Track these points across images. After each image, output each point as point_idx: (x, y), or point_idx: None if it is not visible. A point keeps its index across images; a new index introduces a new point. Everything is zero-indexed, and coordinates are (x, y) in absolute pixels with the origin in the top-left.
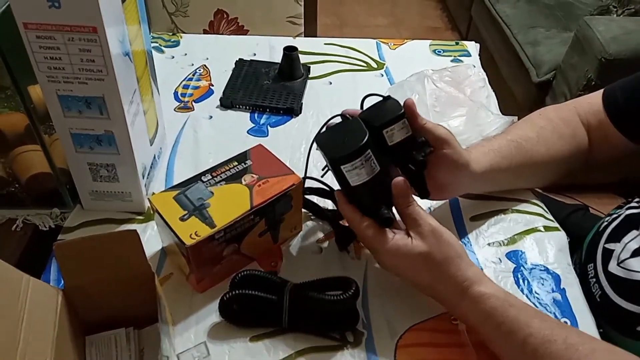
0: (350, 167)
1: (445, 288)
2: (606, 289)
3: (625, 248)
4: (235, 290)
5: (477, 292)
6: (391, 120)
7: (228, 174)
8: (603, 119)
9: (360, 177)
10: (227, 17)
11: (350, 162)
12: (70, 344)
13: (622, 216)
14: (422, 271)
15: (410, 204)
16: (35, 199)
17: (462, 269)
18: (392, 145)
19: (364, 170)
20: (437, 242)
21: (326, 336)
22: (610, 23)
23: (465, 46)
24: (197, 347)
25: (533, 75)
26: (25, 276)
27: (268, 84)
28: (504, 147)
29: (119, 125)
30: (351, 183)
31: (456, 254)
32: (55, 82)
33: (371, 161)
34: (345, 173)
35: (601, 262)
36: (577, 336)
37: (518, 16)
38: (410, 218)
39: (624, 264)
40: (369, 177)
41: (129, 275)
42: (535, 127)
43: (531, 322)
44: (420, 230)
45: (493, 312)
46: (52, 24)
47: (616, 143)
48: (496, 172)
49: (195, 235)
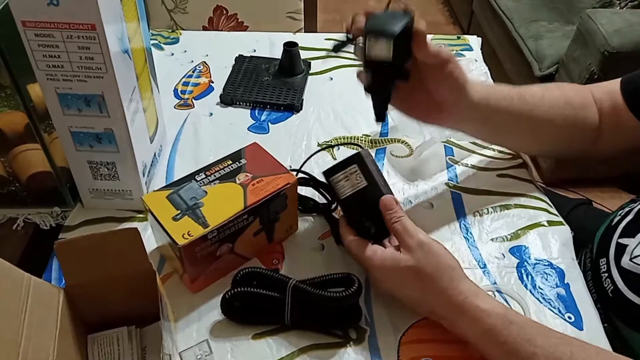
0: (336, 179)
1: (440, 301)
2: (618, 283)
3: (639, 244)
4: (237, 288)
5: (474, 307)
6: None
7: (222, 172)
8: (618, 103)
9: (345, 191)
10: (227, 13)
11: (336, 175)
12: (72, 343)
13: (635, 210)
14: (413, 286)
15: (398, 219)
16: (36, 198)
17: (456, 281)
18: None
19: (349, 184)
20: (425, 255)
21: (329, 333)
22: (613, 16)
23: (467, 40)
24: (199, 345)
25: (535, 69)
26: (26, 275)
27: (268, 80)
28: (505, 90)
29: (119, 123)
30: (339, 196)
31: (448, 266)
32: (54, 80)
33: (357, 175)
34: (333, 185)
35: (614, 257)
36: (582, 351)
37: (520, 9)
38: (398, 232)
39: (637, 260)
40: (354, 191)
41: (130, 274)
42: (544, 88)
43: (534, 340)
44: (408, 243)
45: (494, 330)
46: (50, 21)
47: (629, 129)
48: (493, 111)
49: (188, 235)
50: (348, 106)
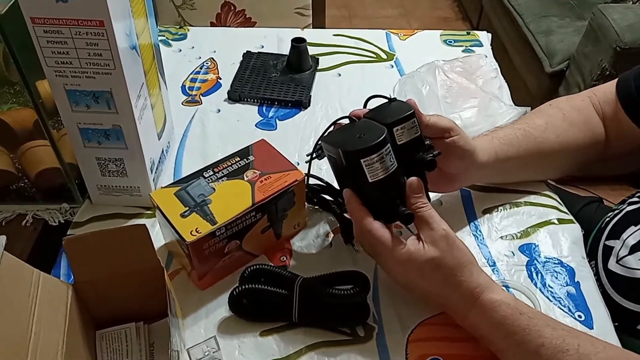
0: (370, 161)
1: (457, 295)
2: (606, 286)
3: (624, 245)
4: (245, 285)
5: (487, 299)
6: (402, 118)
7: (230, 169)
8: (618, 108)
9: (377, 173)
10: (235, 9)
11: (370, 156)
12: (80, 339)
13: (622, 212)
14: (433, 278)
15: (424, 205)
16: (45, 194)
17: (475, 275)
18: (400, 145)
19: (382, 165)
20: (449, 248)
21: (336, 331)
22: (626, 11)
23: (476, 36)
24: (207, 342)
25: (546, 65)
26: (35, 271)
27: (276, 76)
28: (510, 134)
29: (127, 120)
30: (369, 179)
31: (468, 260)
32: (63, 76)
33: (390, 156)
34: (365, 167)
35: (602, 260)
36: (590, 344)
37: (530, 5)
38: (423, 220)
39: (623, 262)
40: (387, 174)
41: (139, 270)
42: (544, 115)
43: (543, 332)
44: (432, 235)
45: (504, 321)
46: (59, 18)
47: (631, 135)
48: (504, 161)
49: (196, 232)
50: (356, 102)
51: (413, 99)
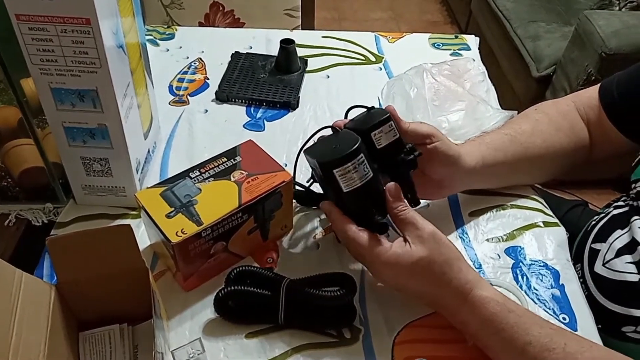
0: (343, 171)
1: (448, 291)
2: (592, 289)
3: (610, 248)
4: (230, 287)
5: (477, 295)
6: (378, 122)
7: (217, 170)
8: (601, 114)
9: (352, 183)
10: (223, 9)
11: (343, 166)
12: (63, 340)
13: (609, 215)
14: (424, 276)
15: (405, 208)
16: (28, 194)
17: (464, 271)
18: (381, 149)
19: (357, 175)
20: (437, 245)
21: (323, 333)
22: (611, 17)
23: (464, 39)
24: (191, 344)
25: (533, 69)
26: (18, 271)
27: (264, 77)
28: (497, 140)
29: (113, 119)
30: (343, 189)
31: (456, 257)
32: (48, 74)
33: (364, 166)
34: (338, 178)
35: (588, 263)
36: (576, 343)
37: (518, 10)
38: (406, 223)
39: (609, 265)
40: (362, 183)
41: (123, 271)
42: (531, 120)
43: (530, 330)
44: (419, 234)
45: (493, 318)
46: (44, 15)
47: (614, 139)
48: (490, 166)
49: (182, 233)
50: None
51: (392, 105)
